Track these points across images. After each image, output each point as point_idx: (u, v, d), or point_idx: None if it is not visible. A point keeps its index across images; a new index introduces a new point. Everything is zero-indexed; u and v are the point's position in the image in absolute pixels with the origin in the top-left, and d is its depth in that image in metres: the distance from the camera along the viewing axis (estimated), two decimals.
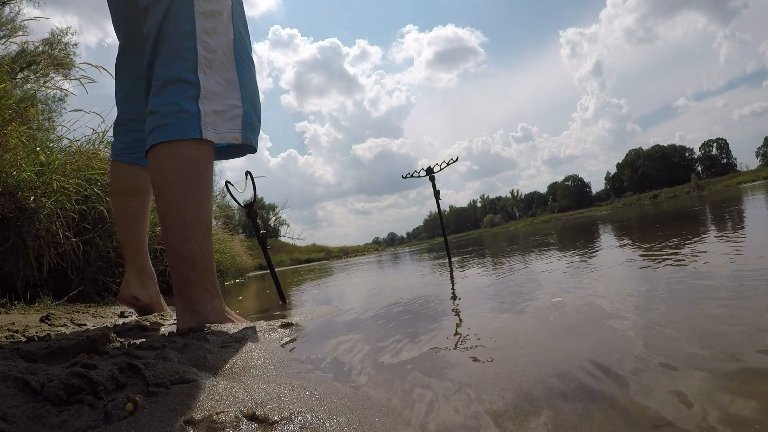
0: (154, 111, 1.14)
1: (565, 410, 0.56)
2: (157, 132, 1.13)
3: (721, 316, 0.86)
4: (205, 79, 1.15)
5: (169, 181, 1.15)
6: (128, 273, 1.75)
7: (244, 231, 16.18)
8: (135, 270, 1.74)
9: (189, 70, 1.13)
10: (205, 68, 1.15)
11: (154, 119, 1.14)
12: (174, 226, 1.16)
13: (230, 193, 2.37)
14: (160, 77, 1.13)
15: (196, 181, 1.16)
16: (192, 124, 1.12)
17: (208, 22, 1.15)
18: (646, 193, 75.61)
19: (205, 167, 1.18)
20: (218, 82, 1.17)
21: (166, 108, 1.12)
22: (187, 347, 0.95)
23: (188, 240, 1.16)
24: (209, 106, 1.15)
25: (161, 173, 1.16)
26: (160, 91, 1.13)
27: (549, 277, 1.83)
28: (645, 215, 7.85)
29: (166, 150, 1.13)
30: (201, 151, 1.16)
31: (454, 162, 3.52)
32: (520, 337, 0.94)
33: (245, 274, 8.50)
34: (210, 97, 1.15)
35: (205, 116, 1.14)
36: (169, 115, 1.12)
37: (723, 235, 2.40)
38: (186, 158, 1.14)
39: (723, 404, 0.51)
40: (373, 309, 1.62)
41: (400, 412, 0.63)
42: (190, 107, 1.12)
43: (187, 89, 1.13)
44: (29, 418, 0.60)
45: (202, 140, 1.15)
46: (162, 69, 1.13)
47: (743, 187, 21.99)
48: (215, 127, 1.16)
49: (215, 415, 0.58)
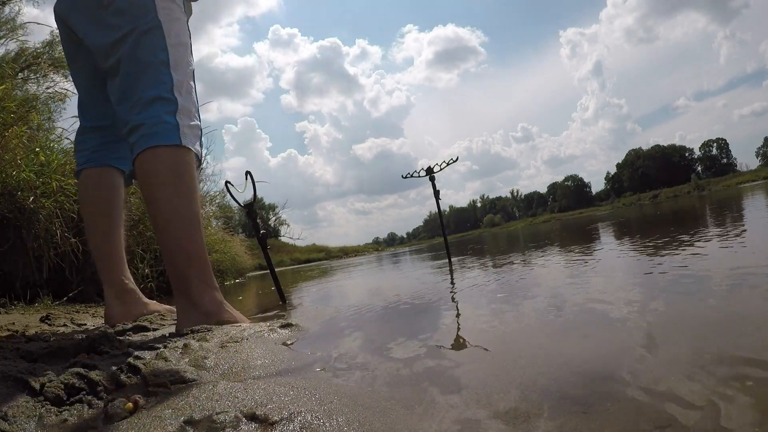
0: (140, 124, 1.30)
1: (566, 411, 0.56)
2: (143, 140, 1.29)
3: (721, 315, 0.86)
4: (180, 99, 1.35)
5: (156, 182, 1.29)
6: (108, 295, 1.66)
7: (244, 231, 16.18)
8: (114, 290, 1.65)
9: (167, 90, 1.33)
10: (180, 90, 1.35)
11: (141, 130, 1.30)
12: (166, 224, 1.28)
13: (230, 193, 2.37)
14: (144, 97, 1.31)
15: (181, 181, 1.30)
16: (173, 133, 1.30)
17: (177, 52, 1.37)
18: (646, 193, 75.60)
19: (187, 169, 1.32)
20: (188, 102, 1.37)
21: (151, 120, 1.30)
22: (187, 347, 0.95)
23: (181, 236, 1.28)
24: (185, 121, 1.34)
25: (149, 176, 1.30)
26: (145, 107, 1.30)
27: (549, 276, 1.83)
28: (645, 215, 7.85)
29: (151, 156, 1.29)
30: (182, 155, 1.32)
31: (454, 162, 3.52)
32: (521, 338, 0.94)
33: (245, 274, 8.49)
34: (185, 113, 1.35)
35: (182, 128, 1.33)
36: (153, 125, 1.29)
37: (723, 235, 2.40)
38: (169, 161, 1.30)
39: (725, 404, 0.51)
40: (373, 309, 1.62)
41: (401, 412, 0.63)
42: (170, 119, 1.31)
43: (167, 105, 1.32)
44: (29, 418, 0.60)
45: (181, 146, 1.32)
46: (145, 91, 1.31)
47: (743, 187, 22.00)
48: (188, 139, 1.34)
49: (215, 415, 0.58)
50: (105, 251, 1.66)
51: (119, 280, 1.67)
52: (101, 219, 1.64)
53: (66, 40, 1.61)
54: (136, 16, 1.34)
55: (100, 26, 1.39)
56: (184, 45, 1.40)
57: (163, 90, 1.32)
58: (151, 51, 1.33)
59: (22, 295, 2.69)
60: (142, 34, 1.34)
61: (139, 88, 1.32)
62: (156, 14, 1.35)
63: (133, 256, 3.59)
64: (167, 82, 1.33)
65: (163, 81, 1.33)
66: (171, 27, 1.37)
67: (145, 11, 1.34)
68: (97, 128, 1.67)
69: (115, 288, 1.66)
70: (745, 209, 4.32)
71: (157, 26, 1.35)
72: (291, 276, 6.42)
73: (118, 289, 1.66)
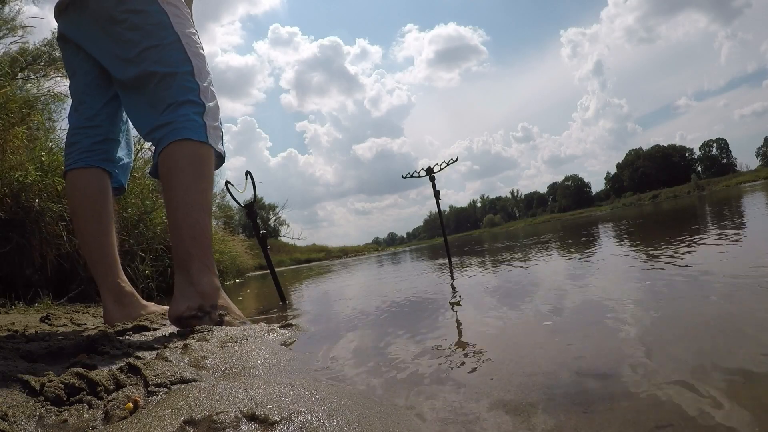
0: (169, 122, 1.39)
1: (566, 410, 0.56)
2: (171, 134, 1.37)
3: (721, 315, 0.85)
4: (207, 103, 1.45)
5: (176, 169, 1.36)
6: (105, 299, 1.65)
7: (244, 231, 16.18)
8: (111, 294, 1.65)
9: (195, 95, 1.43)
10: (206, 95, 1.45)
11: (170, 126, 1.39)
12: (179, 205, 1.35)
13: (230, 193, 2.37)
14: (174, 101, 1.41)
15: (199, 172, 1.38)
16: (200, 130, 1.40)
17: (198, 61, 1.46)
18: (646, 193, 75.54)
19: (207, 163, 1.41)
20: (213, 106, 1.47)
21: (180, 118, 1.39)
22: (187, 347, 0.95)
23: (190, 219, 1.34)
24: (210, 122, 1.43)
25: (172, 163, 1.37)
26: (175, 109, 1.40)
27: (548, 277, 1.83)
28: (645, 215, 7.85)
29: (176, 147, 1.37)
30: (205, 151, 1.41)
31: (454, 162, 3.52)
32: (521, 338, 0.94)
33: (245, 274, 8.50)
34: (210, 115, 1.44)
35: (209, 128, 1.42)
36: (183, 122, 1.38)
37: (723, 234, 2.40)
38: (192, 154, 1.38)
39: (724, 404, 0.51)
40: (373, 309, 1.62)
41: (401, 412, 0.63)
42: (198, 119, 1.41)
43: (195, 107, 1.42)
44: (29, 418, 0.60)
45: (205, 144, 1.40)
46: (174, 98, 1.41)
47: (743, 187, 21.99)
48: (212, 138, 1.43)
49: (215, 415, 0.58)
50: (98, 255, 1.64)
51: (115, 284, 1.66)
52: (92, 222, 1.63)
53: (66, 50, 1.64)
54: (153, 32, 1.42)
55: (117, 41, 1.44)
56: (201, 55, 1.50)
57: (191, 95, 1.42)
58: (175, 63, 1.42)
59: (23, 295, 2.69)
60: (164, 48, 1.42)
61: (169, 96, 1.41)
62: (173, 29, 1.44)
63: (133, 256, 3.58)
64: (194, 89, 1.42)
65: (191, 89, 1.42)
66: (188, 39, 1.46)
67: (162, 26, 1.43)
68: (87, 128, 1.67)
69: (112, 292, 1.65)
70: (745, 208, 4.32)
71: (176, 40, 1.43)
72: (291, 276, 6.42)
73: (116, 293, 1.65)
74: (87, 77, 1.62)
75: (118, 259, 1.70)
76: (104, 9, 1.43)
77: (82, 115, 1.66)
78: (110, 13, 1.42)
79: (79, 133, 1.67)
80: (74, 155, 1.66)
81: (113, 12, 1.42)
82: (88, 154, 1.65)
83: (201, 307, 1.27)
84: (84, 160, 1.65)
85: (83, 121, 1.67)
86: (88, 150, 1.65)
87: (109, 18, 1.43)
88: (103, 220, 1.64)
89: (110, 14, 1.42)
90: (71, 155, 1.67)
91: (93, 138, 1.66)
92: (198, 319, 1.26)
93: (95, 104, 1.64)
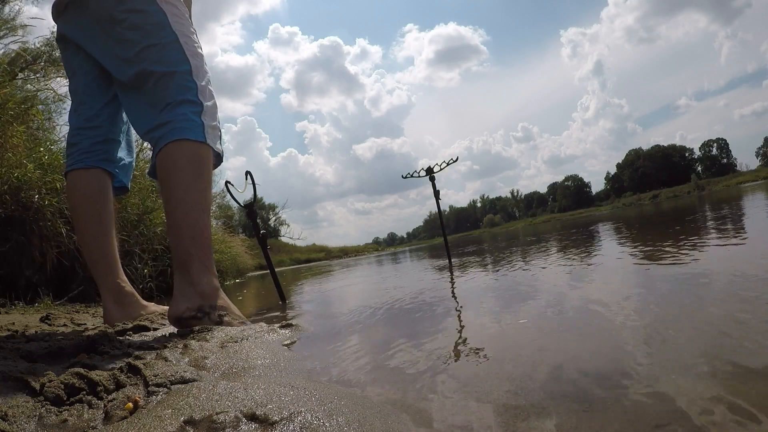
0: (168, 121, 1.39)
1: (566, 409, 0.56)
2: (170, 134, 1.38)
3: (720, 315, 0.85)
4: (205, 102, 1.45)
5: (175, 168, 1.36)
6: (105, 299, 1.65)
7: (244, 231, 16.19)
8: (111, 294, 1.64)
9: (194, 95, 1.43)
10: (204, 95, 1.45)
11: (168, 126, 1.39)
12: (178, 205, 1.35)
13: (230, 193, 2.37)
14: (173, 101, 1.41)
15: (197, 172, 1.38)
16: (198, 130, 1.40)
17: (196, 61, 1.46)
18: (646, 193, 75.52)
19: (205, 163, 1.41)
20: (211, 106, 1.47)
21: (179, 117, 1.39)
22: (187, 347, 0.95)
23: (189, 218, 1.34)
24: (208, 122, 1.43)
25: (170, 163, 1.37)
26: (174, 108, 1.41)
27: (548, 277, 1.83)
28: (645, 215, 7.84)
29: (175, 147, 1.37)
30: (204, 151, 1.41)
31: (454, 162, 3.52)
32: (521, 337, 0.94)
33: (245, 274, 8.50)
34: (209, 115, 1.44)
35: (207, 128, 1.42)
36: (181, 122, 1.39)
37: (723, 234, 2.40)
38: (191, 153, 1.38)
39: (724, 404, 0.51)
40: (373, 309, 1.62)
41: (400, 411, 0.63)
42: (196, 119, 1.41)
43: (193, 107, 1.42)
44: (29, 418, 0.60)
45: (204, 144, 1.40)
46: (173, 97, 1.42)
47: (743, 187, 21.99)
48: (210, 138, 1.43)
49: (215, 415, 0.58)
50: (98, 255, 1.64)
51: (116, 284, 1.66)
52: (92, 222, 1.63)
53: (66, 50, 1.64)
54: (152, 31, 1.43)
55: (117, 41, 1.45)
56: (199, 55, 1.50)
57: (190, 95, 1.42)
58: (174, 63, 1.43)
59: (23, 295, 2.69)
60: (163, 48, 1.43)
61: (168, 96, 1.41)
62: (171, 28, 1.44)
63: (133, 256, 3.58)
64: (193, 88, 1.43)
65: (190, 88, 1.43)
66: (186, 39, 1.47)
67: (161, 26, 1.43)
68: (88, 128, 1.67)
69: (112, 292, 1.65)
70: (746, 209, 4.32)
71: (174, 40, 1.44)
72: (291, 276, 6.42)
73: (116, 293, 1.65)
74: (87, 77, 1.62)
75: (118, 259, 1.71)
76: (104, 9, 1.43)
77: (82, 116, 1.67)
78: (110, 12, 1.43)
79: (79, 134, 1.68)
80: (74, 156, 1.67)
81: (113, 12, 1.42)
82: (88, 155, 1.66)
83: (201, 308, 1.28)
84: (84, 161, 1.65)
85: (83, 122, 1.68)
86: (88, 150, 1.66)
87: (109, 18, 1.43)
88: (103, 220, 1.64)
89: (110, 14, 1.43)
90: (72, 156, 1.67)
91: (93, 138, 1.67)
92: (198, 320, 1.27)
93: (95, 105, 1.65)
